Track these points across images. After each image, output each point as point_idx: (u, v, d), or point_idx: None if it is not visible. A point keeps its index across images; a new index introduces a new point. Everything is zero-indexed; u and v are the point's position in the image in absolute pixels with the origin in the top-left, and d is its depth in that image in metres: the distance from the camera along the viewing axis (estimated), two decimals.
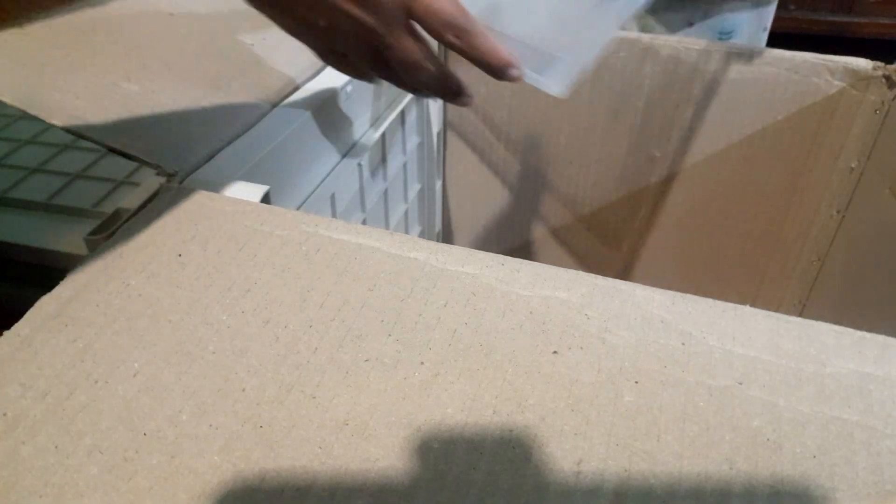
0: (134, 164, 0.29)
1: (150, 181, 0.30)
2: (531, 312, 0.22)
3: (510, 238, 0.62)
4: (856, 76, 0.45)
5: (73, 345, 0.20)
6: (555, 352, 0.21)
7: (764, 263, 0.55)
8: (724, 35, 0.60)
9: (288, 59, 0.39)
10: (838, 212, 0.49)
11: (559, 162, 0.56)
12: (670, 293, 0.23)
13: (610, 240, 0.59)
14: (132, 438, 0.18)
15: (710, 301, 0.23)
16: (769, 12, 0.61)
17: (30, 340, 0.20)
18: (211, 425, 0.18)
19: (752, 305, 0.22)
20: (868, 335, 0.22)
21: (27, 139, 0.40)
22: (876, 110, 0.45)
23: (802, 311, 0.55)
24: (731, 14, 0.58)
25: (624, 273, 0.60)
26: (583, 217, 0.58)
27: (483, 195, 0.60)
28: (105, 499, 0.16)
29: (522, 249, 0.63)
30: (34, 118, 0.42)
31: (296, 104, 0.36)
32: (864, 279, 0.47)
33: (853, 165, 0.47)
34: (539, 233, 0.61)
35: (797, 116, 0.48)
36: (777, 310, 0.22)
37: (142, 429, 0.18)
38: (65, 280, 0.22)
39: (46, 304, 0.21)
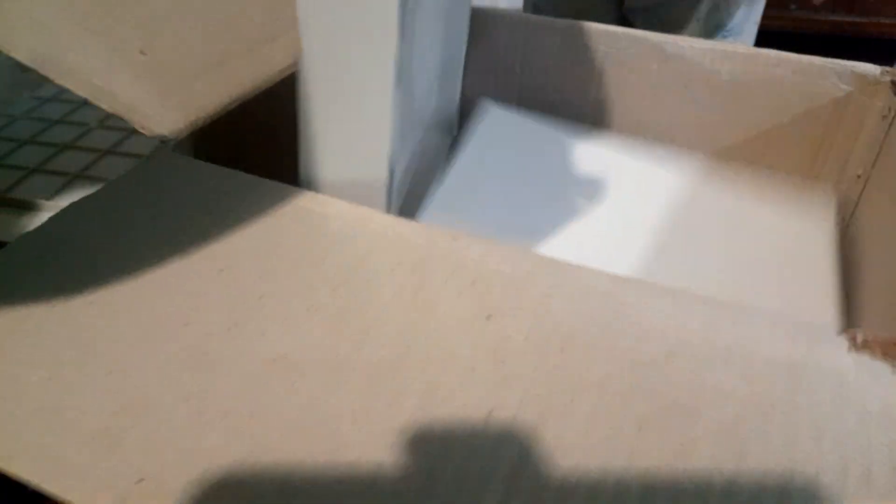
0: (134, 161, 0.31)
1: None
2: (474, 281, 0.23)
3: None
4: (864, 81, 0.44)
5: (42, 274, 0.22)
6: (489, 316, 0.21)
7: None
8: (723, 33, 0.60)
9: (299, 39, 0.40)
10: (844, 219, 0.48)
11: None
12: (614, 275, 0.23)
13: None
14: (78, 355, 0.20)
15: (651, 283, 0.23)
16: (759, 7, 0.61)
17: (6, 267, 0.23)
18: (151, 350, 0.20)
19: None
20: (803, 324, 0.22)
21: (27, 139, 0.41)
22: (883, 116, 0.44)
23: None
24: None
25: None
26: None
27: None
28: (44, 402, 0.18)
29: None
30: (35, 119, 0.44)
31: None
32: (868, 288, 0.46)
33: (859, 173, 0.47)
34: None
35: (803, 120, 0.48)
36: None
37: (89, 348, 0.20)
38: (46, 221, 0.24)
39: (27, 239, 0.24)
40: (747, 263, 0.38)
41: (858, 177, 0.46)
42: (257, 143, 0.36)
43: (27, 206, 0.35)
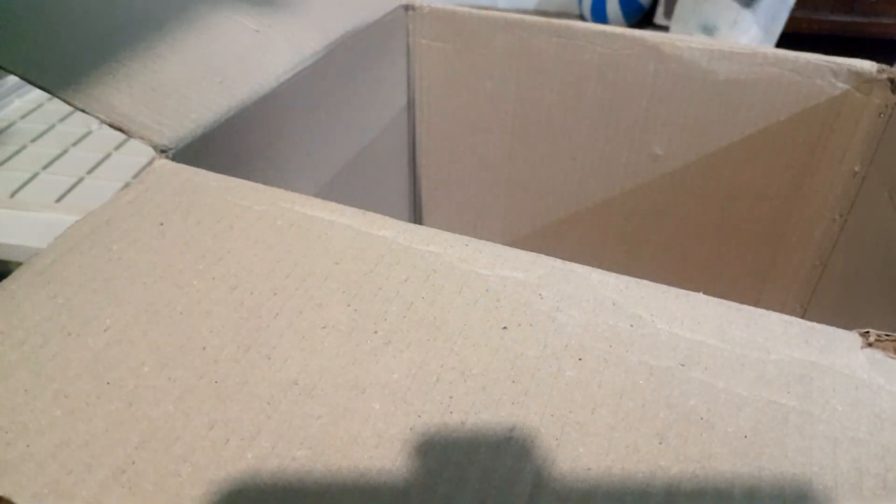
0: (140, 165, 0.30)
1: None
2: (487, 290, 0.23)
3: (506, 234, 0.63)
4: (860, 79, 0.45)
5: (52, 300, 0.21)
6: (504, 328, 0.21)
7: (766, 266, 0.55)
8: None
9: (292, 46, 0.40)
10: (840, 215, 0.49)
11: (561, 158, 0.56)
12: (626, 278, 0.23)
13: (610, 238, 0.59)
14: (95, 386, 0.19)
15: (663, 287, 0.23)
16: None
17: (13, 294, 0.22)
18: (169, 378, 0.19)
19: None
20: (817, 325, 0.22)
21: (31, 139, 0.41)
22: (880, 114, 0.45)
23: (804, 315, 0.54)
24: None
25: (623, 273, 0.60)
26: (583, 214, 0.59)
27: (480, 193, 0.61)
28: (63, 437, 0.18)
29: (518, 245, 0.63)
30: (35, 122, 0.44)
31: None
32: (865, 284, 0.47)
33: (856, 169, 0.47)
34: (536, 230, 0.62)
35: (800, 118, 0.48)
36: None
37: (105, 378, 0.19)
38: (52, 243, 0.24)
39: (33, 264, 0.23)
40: None
41: (855, 173, 0.47)
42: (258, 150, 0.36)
43: (34, 208, 0.35)
